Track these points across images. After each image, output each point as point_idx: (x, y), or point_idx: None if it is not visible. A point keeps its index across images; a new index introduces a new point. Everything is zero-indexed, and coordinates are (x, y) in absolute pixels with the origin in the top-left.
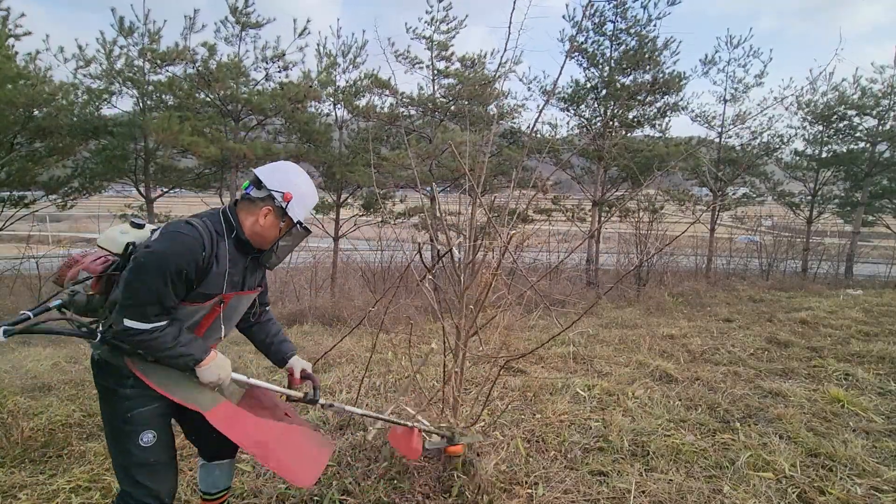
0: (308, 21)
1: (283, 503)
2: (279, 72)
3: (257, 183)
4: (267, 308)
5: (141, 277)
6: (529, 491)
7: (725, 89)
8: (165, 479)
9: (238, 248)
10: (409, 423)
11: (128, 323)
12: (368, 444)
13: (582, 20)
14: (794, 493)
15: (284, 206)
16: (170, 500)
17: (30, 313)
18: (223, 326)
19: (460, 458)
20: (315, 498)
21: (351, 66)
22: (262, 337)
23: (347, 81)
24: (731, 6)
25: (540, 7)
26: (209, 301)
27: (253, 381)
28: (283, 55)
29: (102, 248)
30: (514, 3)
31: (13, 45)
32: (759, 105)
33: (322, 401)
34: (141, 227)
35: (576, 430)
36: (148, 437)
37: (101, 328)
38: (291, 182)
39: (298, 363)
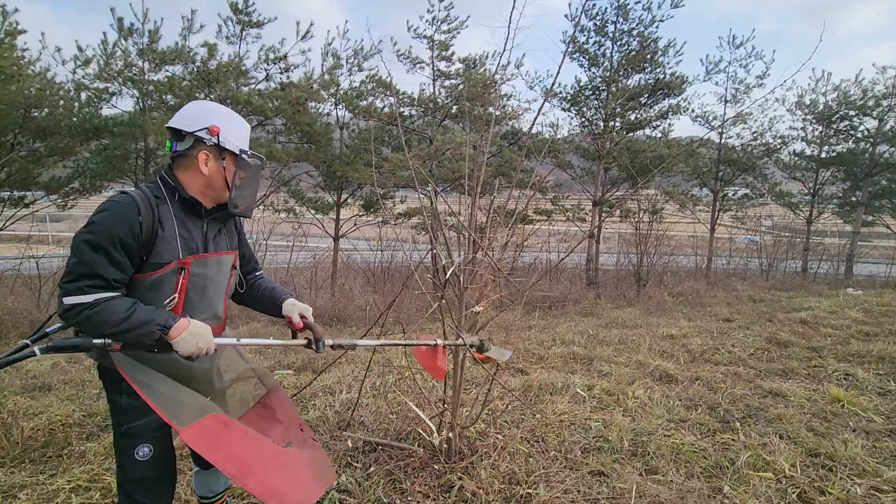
0: (311, 24)
1: None
2: (281, 73)
3: (177, 135)
4: (258, 273)
5: (76, 252)
6: (529, 491)
7: (727, 90)
8: (159, 494)
9: (186, 209)
10: (434, 342)
11: (68, 301)
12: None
13: (579, 18)
14: (794, 493)
15: (217, 141)
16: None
17: (28, 341)
18: (196, 298)
19: (488, 365)
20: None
21: (356, 69)
22: (256, 294)
23: (352, 83)
24: (730, 9)
25: (539, 5)
26: (165, 268)
27: (244, 340)
28: (286, 58)
29: None
30: (514, 2)
31: (18, 47)
32: (759, 105)
33: (329, 341)
34: None
35: (576, 430)
36: (144, 452)
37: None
38: (211, 115)
39: (294, 307)
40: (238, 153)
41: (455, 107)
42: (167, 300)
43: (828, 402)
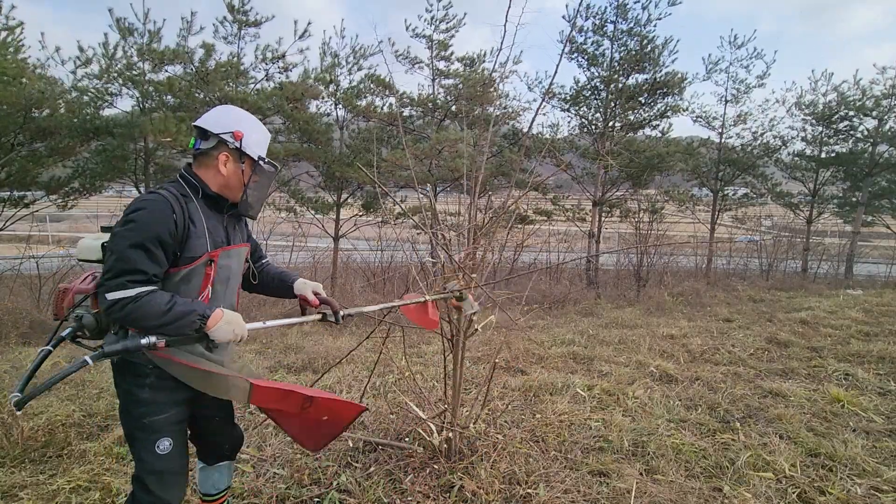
0: (309, 23)
1: (282, 503)
2: (280, 72)
3: (203, 134)
4: (265, 261)
5: (116, 250)
6: (529, 491)
7: (727, 90)
8: (176, 487)
9: (210, 205)
10: (423, 299)
11: (111, 296)
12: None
13: (577, 15)
14: (794, 493)
15: (239, 146)
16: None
17: (49, 347)
18: (220, 289)
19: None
20: (315, 498)
21: (355, 68)
22: (266, 280)
23: (351, 82)
24: (730, 9)
25: (538, 5)
26: (197, 262)
27: (269, 323)
28: (283, 57)
29: (83, 259)
30: (511, 1)
31: (17, 44)
32: (760, 106)
33: (342, 314)
34: (111, 229)
35: (576, 430)
36: (165, 445)
37: (113, 330)
38: (237, 120)
39: (307, 285)
40: (256, 159)
41: (454, 106)
42: (197, 291)
43: (828, 402)
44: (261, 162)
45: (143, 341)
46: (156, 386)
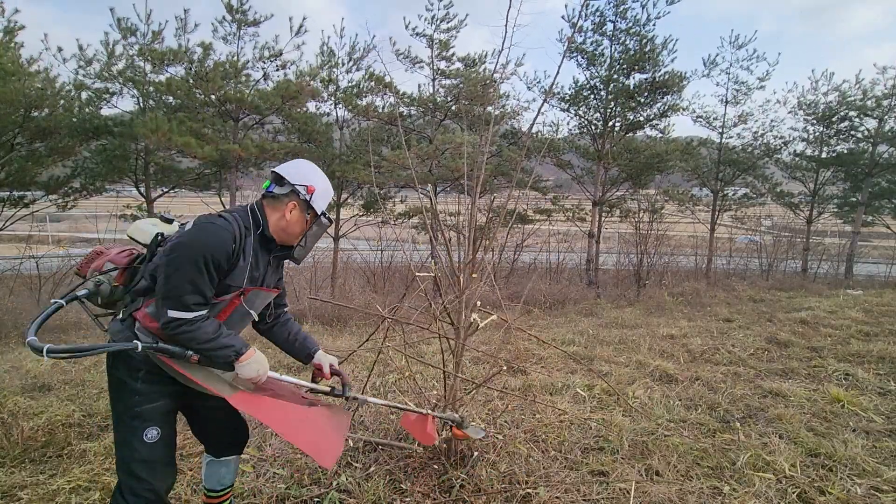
0: (304, 18)
1: (282, 503)
2: (277, 70)
3: (278, 180)
4: (285, 309)
5: (179, 268)
6: (529, 491)
7: (727, 90)
8: (164, 475)
9: (262, 244)
10: (424, 411)
11: (172, 314)
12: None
13: (579, 18)
14: (794, 493)
15: (309, 199)
16: (165, 496)
17: (62, 301)
18: (235, 320)
19: (462, 441)
20: (315, 498)
21: (354, 67)
22: (285, 335)
23: (350, 82)
24: (731, 9)
25: (539, 4)
26: (232, 294)
27: (286, 378)
28: (281, 54)
29: (132, 237)
30: (511, 1)
31: (17, 45)
32: (761, 107)
33: (349, 394)
34: (170, 221)
35: (576, 430)
36: (152, 434)
37: (120, 316)
38: (312, 176)
39: (325, 358)
40: (319, 214)
41: (454, 106)
42: (214, 317)
43: (828, 402)
44: (322, 218)
45: (189, 353)
46: (147, 379)
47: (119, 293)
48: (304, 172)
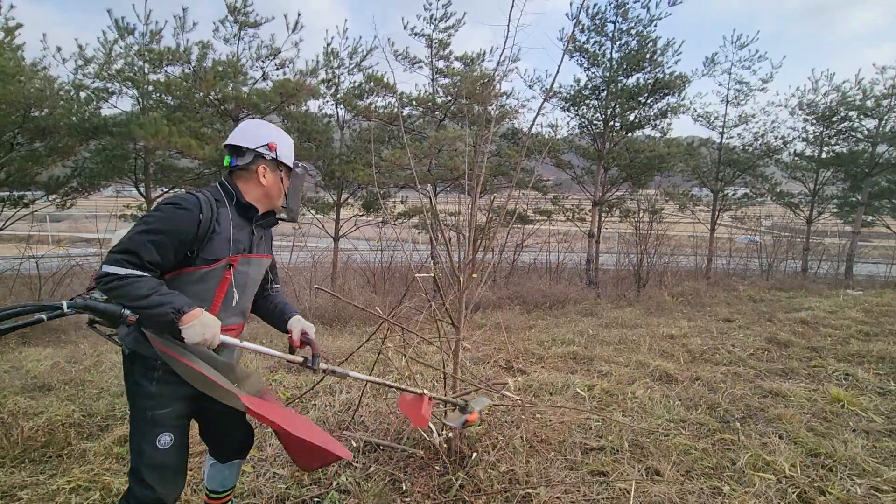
0: (299, 15)
1: (283, 503)
2: (276, 70)
3: (237, 151)
4: (276, 287)
5: (132, 232)
6: (529, 491)
7: (728, 90)
8: (173, 483)
9: (241, 213)
10: (419, 391)
11: (105, 268)
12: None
13: (579, 12)
14: (794, 493)
15: (276, 157)
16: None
17: (64, 303)
18: (236, 294)
19: (478, 424)
20: (315, 498)
21: (356, 68)
22: (269, 307)
23: (352, 83)
24: (731, 9)
25: (540, 4)
26: (217, 264)
27: (246, 344)
28: (279, 52)
29: None
30: (513, 1)
31: (17, 45)
32: (763, 109)
33: (323, 366)
34: None
35: (576, 430)
36: (165, 440)
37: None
38: (267, 134)
39: (298, 324)
40: (291, 166)
41: (453, 107)
42: (214, 291)
43: (828, 402)
44: (296, 168)
45: (126, 311)
46: (163, 380)
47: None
48: (257, 133)
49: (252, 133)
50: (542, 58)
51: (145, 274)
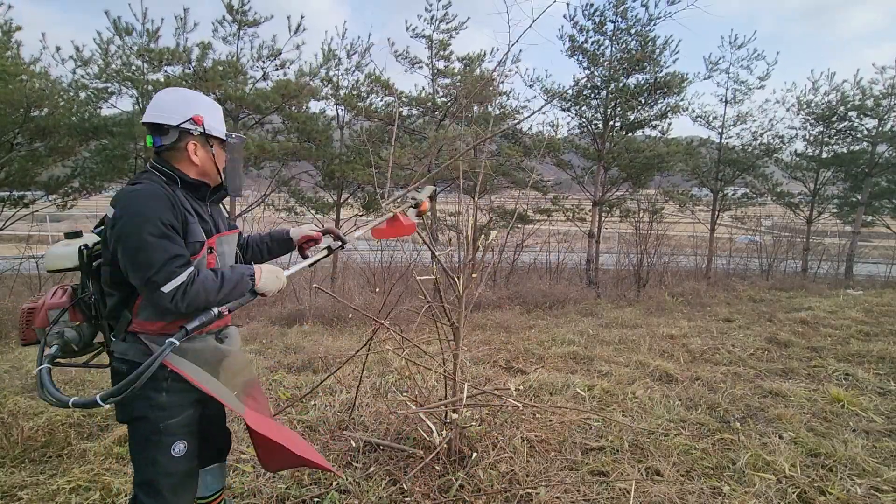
0: (302, 17)
1: (282, 503)
2: (276, 70)
3: (159, 129)
4: (244, 236)
5: (145, 247)
6: (529, 491)
7: (727, 90)
8: (189, 488)
9: (192, 194)
10: (389, 214)
11: (167, 288)
12: None
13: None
14: (794, 493)
15: (204, 130)
16: None
17: (48, 365)
18: None
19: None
20: (315, 498)
21: (355, 69)
22: (260, 247)
23: (351, 83)
24: (731, 9)
25: (540, 3)
26: (201, 252)
27: (298, 267)
28: (280, 53)
29: (56, 269)
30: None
31: (15, 44)
32: (760, 107)
33: (345, 238)
34: (78, 234)
35: (576, 430)
36: (180, 448)
37: (121, 337)
38: (191, 104)
39: (301, 229)
40: (224, 138)
41: (453, 107)
42: None
43: (828, 402)
44: (229, 139)
45: (215, 311)
46: (173, 388)
47: (87, 331)
48: (179, 105)
49: (172, 107)
50: (542, 57)
51: (193, 268)
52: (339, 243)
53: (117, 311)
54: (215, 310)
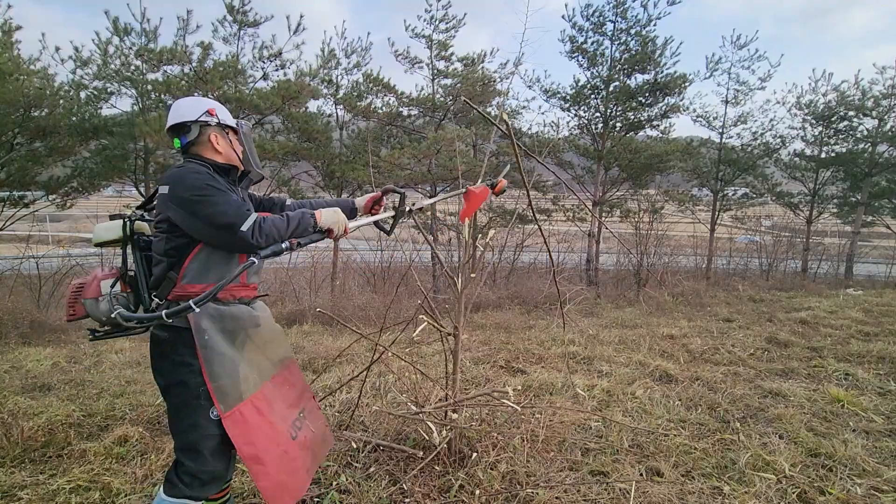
0: (301, 17)
1: None
2: (276, 70)
3: (182, 129)
4: (289, 203)
5: (213, 201)
6: (529, 491)
7: (728, 90)
8: (224, 456)
9: (225, 178)
10: (462, 190)
11: (244, 227)
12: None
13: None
14: (794, 493)
15: (219, 120)
16: (224, 474)
17: (117, 311)
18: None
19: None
20: (315, 498)
21: (354, 68)
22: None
23: (350, 82)
24: (731, 10)
25: (541, 4)
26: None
27: (362, 220)
28: (280, 53)
29: (103, 243)
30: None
31: (14, 42)
32: (761, 107)
33: (411, 207)
34: (121, 216)
35: (576, 430)
36: (216, 412)
37: (163, 303)
38: (202, 103)
39: (364, 197)
40: (235, 126)
41: (453, 107)
42: (238, 260)
43: (828, 402)
44: (240, 127)
45: (284, 245)
46: (208, 355)
47: (132, 300)
48: (192, 106)
49: (188, 107)
50: (542, 57)
51: (256, 214)
52: (400, 198)
53: (162, 278)
54: (284, 243)
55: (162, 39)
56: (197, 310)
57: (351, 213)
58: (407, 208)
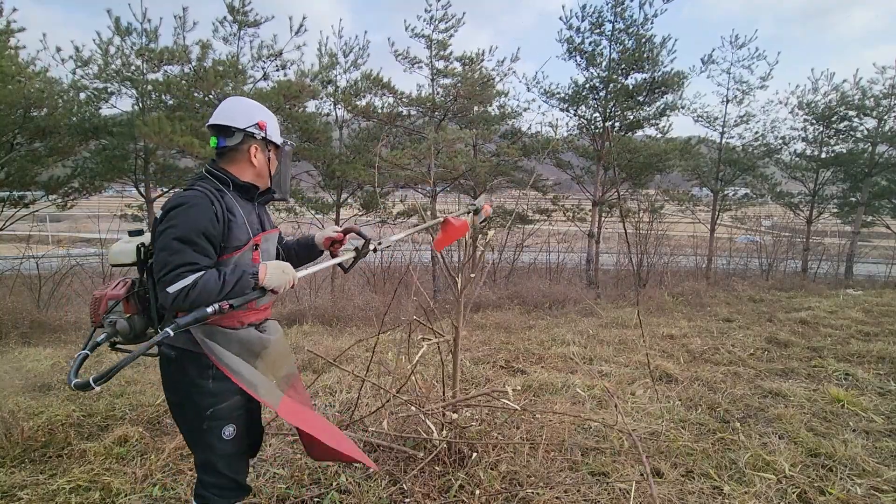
0: (304, 18)
1: (282, 503)
2: (277, 70)
3: (226, 131)
4: (284, 241)
5: (167, 248)
6: (530, 491)
7: (728, 89)
8: (242, 464)
9: (241, 195)
10: (439, 218)
11: (172, 289)
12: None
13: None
14: (794, 493)
15: (266, 136)
16: (244, 482)
17: (86, 351)
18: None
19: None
20: (315, 498)
21: (352, 67)
22: (290, 255)
23: (348, 81)
24: (731, 10)
25: (541, 4)
26: (244, 248)
27: (315, 266)
28: (280, 54)
29: (118, 264)
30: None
31: (15, 44)
32: (763, 108)
33: (375, 245)
34: (140, 232)
35: (576, 430)
36: (229, 431)
37: (162, 326)
38: (255, 112)
39: (324, 232)
40: (280, 144)
41: (453, 106)
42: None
43: (828, 402)
44: (284, 146)
45: (209, 309)
46: (218, 376)
47: (138, 323)
48: (246, 112)
49: (241, 112)
50: (541, 57)
51: (202, 272)
52: (363, 241)
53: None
54: (209, 308)
55: (163, 40)
56: (172, 334)
57: (312, 248)
58: (372, 248)
